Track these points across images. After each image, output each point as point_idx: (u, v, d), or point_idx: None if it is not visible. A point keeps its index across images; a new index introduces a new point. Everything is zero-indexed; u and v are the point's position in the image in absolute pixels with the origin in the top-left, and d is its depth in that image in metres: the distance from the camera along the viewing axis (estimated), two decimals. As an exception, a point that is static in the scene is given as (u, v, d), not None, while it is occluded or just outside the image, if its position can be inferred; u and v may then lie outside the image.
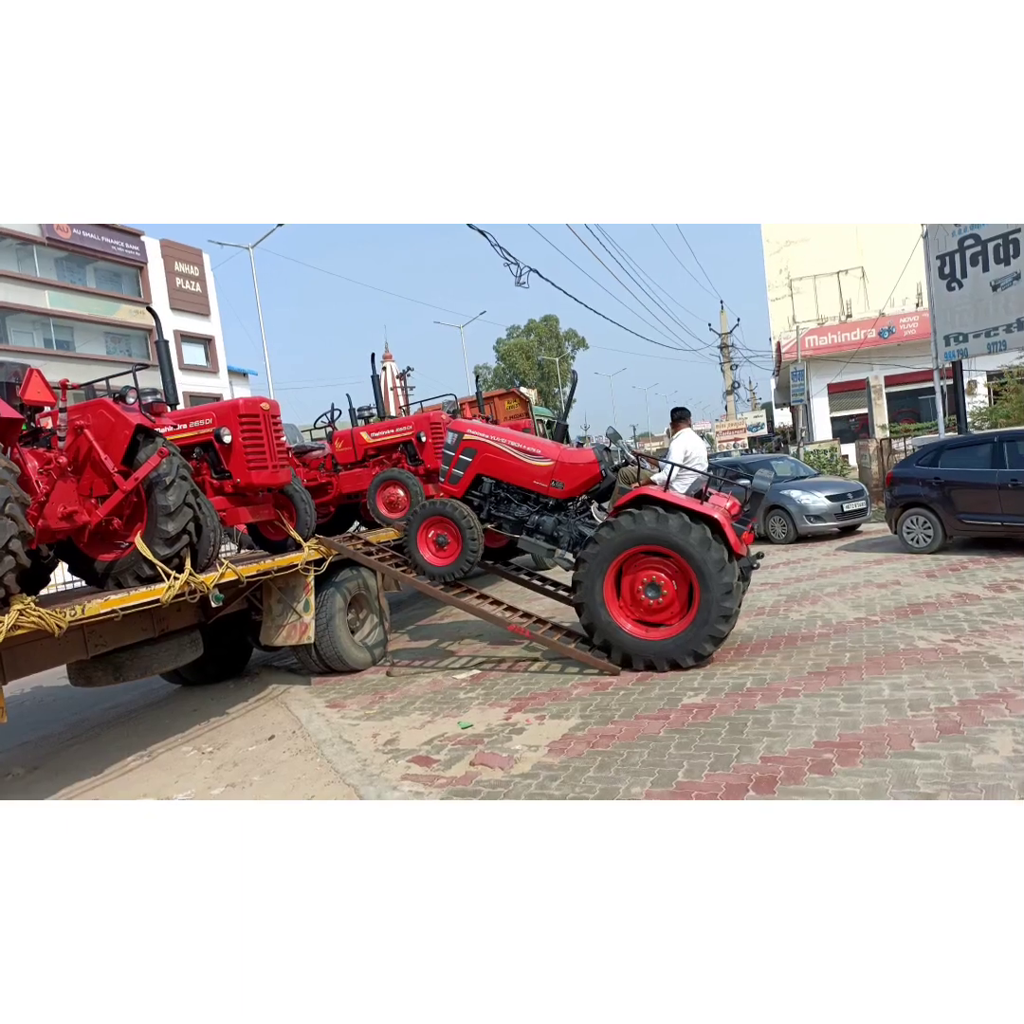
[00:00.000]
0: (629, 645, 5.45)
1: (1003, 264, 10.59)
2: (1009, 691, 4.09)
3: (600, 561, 5.48)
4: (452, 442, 6.44)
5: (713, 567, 5.18)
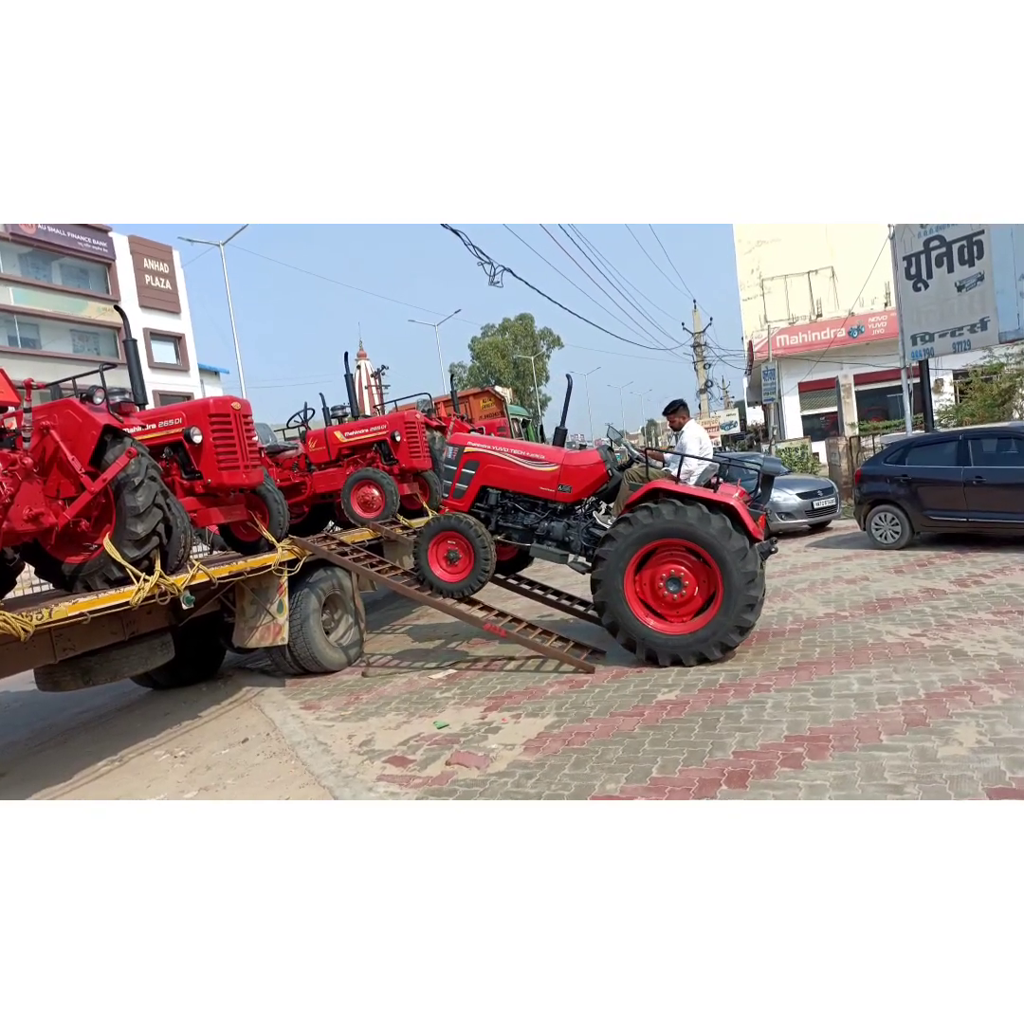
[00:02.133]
0: (654, 641, 5.35)
1: (967, 265, 10.81)
2: (973, 684, 4.19)
3: (619, 558, 5.38)
4: (453, 456, 6.32)
5: (735, 556, 5.12)
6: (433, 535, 6.05)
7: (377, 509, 7.82)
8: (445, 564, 6.08)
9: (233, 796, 4.23)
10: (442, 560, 6.09)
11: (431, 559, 6.09)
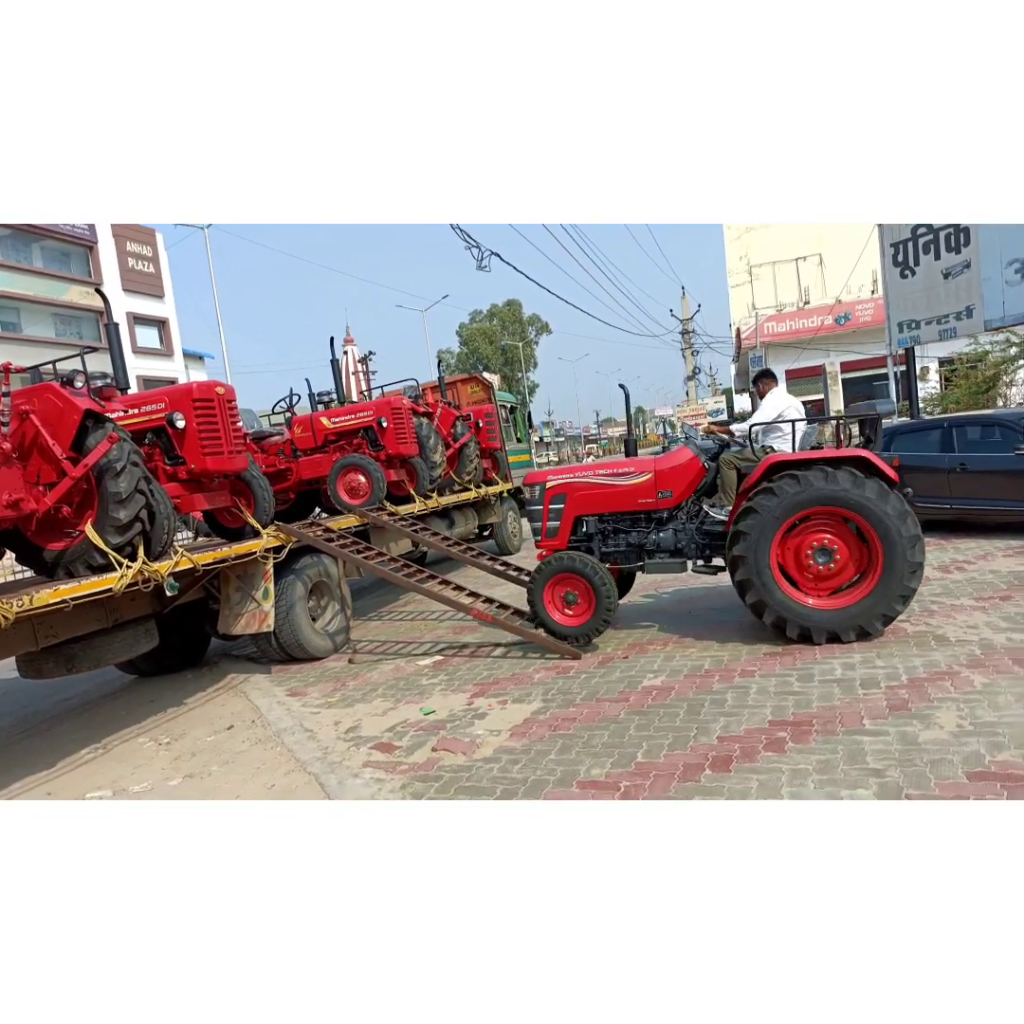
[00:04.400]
0: (808, 617, 5.02)
1: (954, 253, 10.85)
2: (955, 668, 4.23)
3: (765, 532, 5.03)
4: (535, 496, 6.04)
5: (897, 520, 4.81)
6: (549, 578, 5.65)
7: (364, 496, 7.78)
8: (561, 605, 5.69)
9: (218, 783, 4.22)
10: (559, 602, 5.70)
11: (547, 602, 5.68)
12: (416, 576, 6.58)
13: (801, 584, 5.12)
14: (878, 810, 2.79)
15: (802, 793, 3.11)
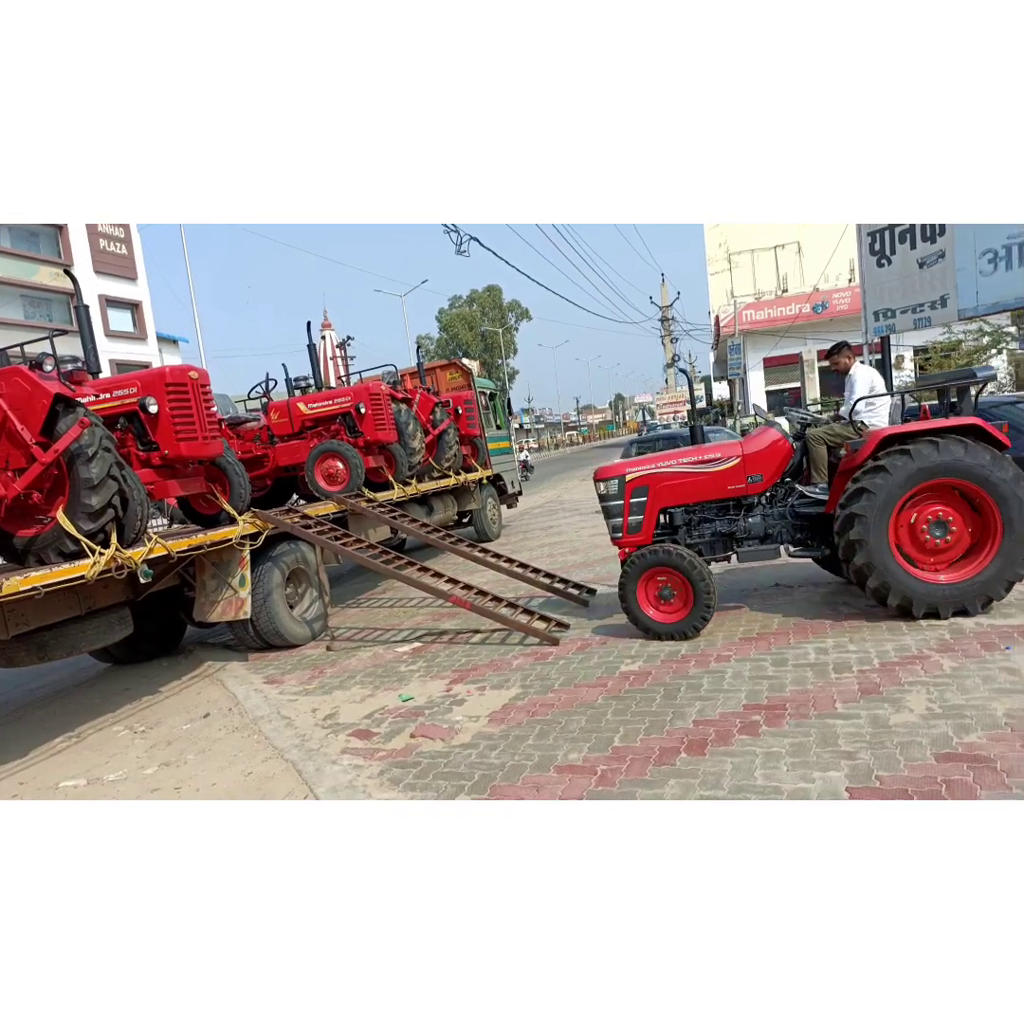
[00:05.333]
0: (934, 594, 4.85)
1: (929, 242, 10.93)
2: (925, 652, 4.31)
3: (882, 512, 4.84)
4: (613, 490, 5.64)
5: (1014, 484, 4.66)
6: (642, 572, 5.34)
7: (342, 482, 7.74)
8: (656, 601, 5.39)
9: (194, 771, 4.19)
10: (653, 598, 5.39)
11: (640, 598, 5.37)
12: (394, 563, 6.56)
13: (918, 561, 4.97)
14: (852, 809, 2.84)
15: (775, 775, 3.16)
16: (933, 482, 4.84)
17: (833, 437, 5.47)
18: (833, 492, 5.27)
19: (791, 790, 3.03)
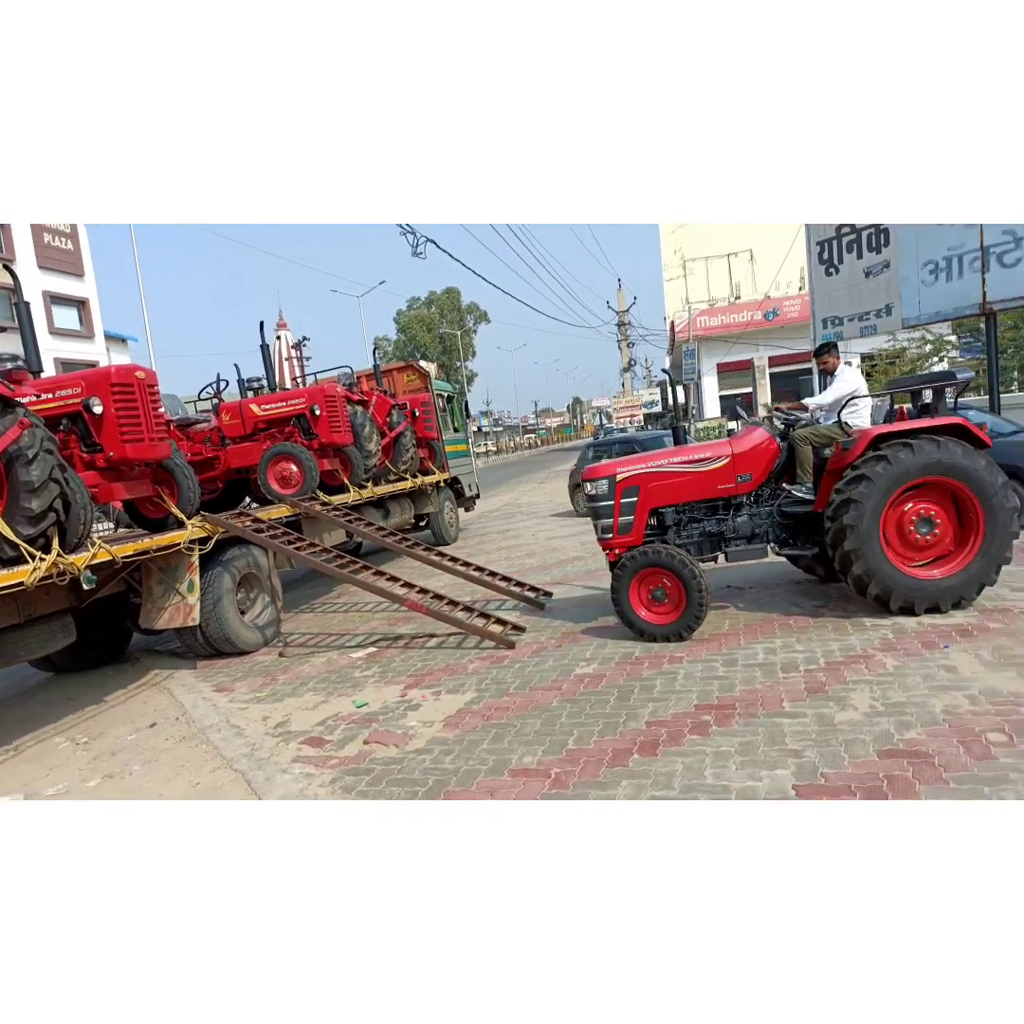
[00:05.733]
0: (915, 589, 4.97)
1: (875, 252, 11.28)
2: (869, 652, 4.44)
3: (877, 499, 4.92)
4: (603, 490, 5.57)
5: (1001, 491, 4.85)
6: (635, 573, 5.29)
7: (295, 485, 7.62)
8: (648, 602, 5.33)
9: (140, 783, 4.07)
10: (645, 599, 5.33)
11: (633, 599, 5.32)
12: (349, 567, 6.49)
13: (906, 559, 5.07)
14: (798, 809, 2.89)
15: (725, 774, 3.21)
16: (929, 479, 4.94)
17: (818, 438, 5.56)
18: (822, 491, 5.35)
19: (740, 789, 3.08)
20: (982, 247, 9.65)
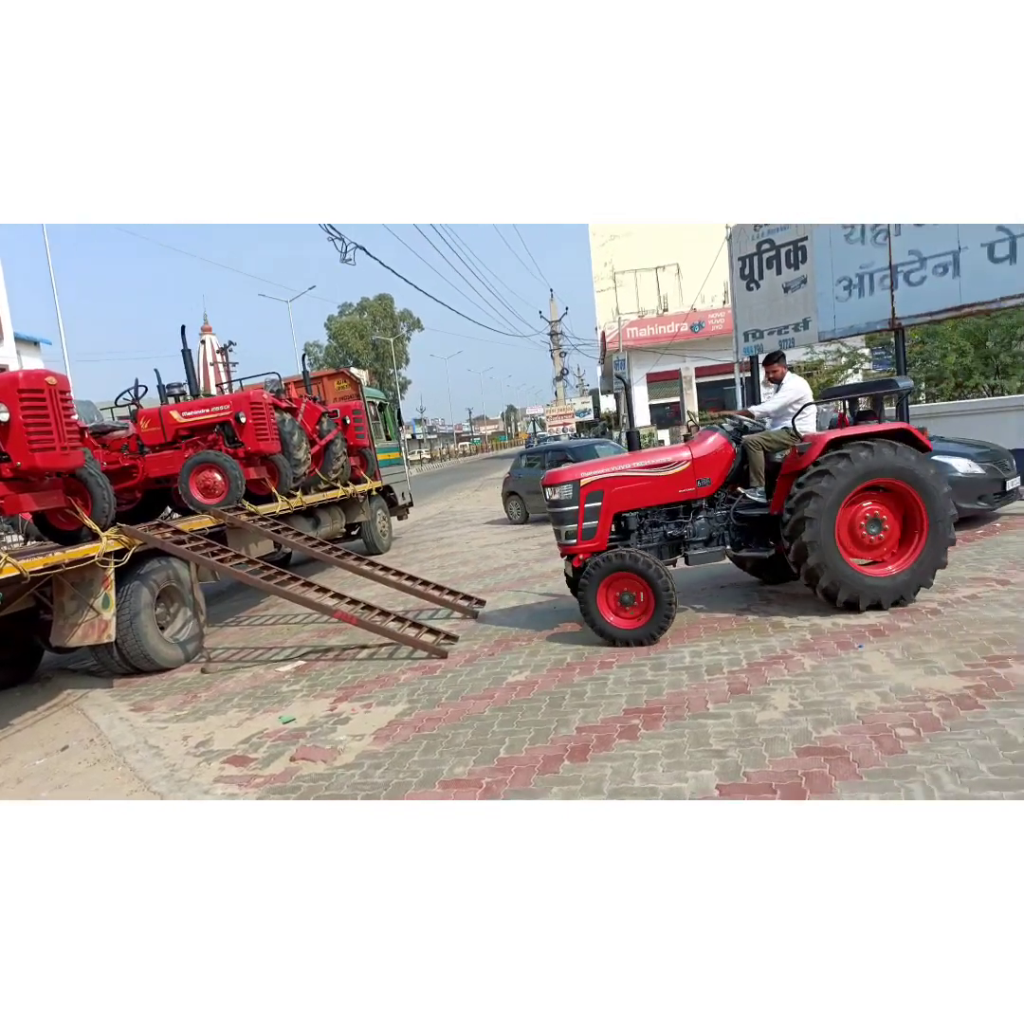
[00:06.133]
0: (862, 586, 5.16)
1: (793, 268, 11.77)
2: (788, 652, 4.60)
3: (829, 512, 5.07)
4: (567, 495, 5.51)
5: (943, 498, 5.11)
6: (602, 578, 5.23)
7: (220, 495, 7.39)
8: (616, 607, 5.27)
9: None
10: (613, 604, 5.27)
11: (601, 603, 5.25)
12: (276, 578, 6.33)
13: (856, 557, 5.26)
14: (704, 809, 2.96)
15: (652, 777, 3.27)
16: (877, 481, 5.16)
17: (770, 443, 5.72)
18: (777, 494, 5.51)
19: (666, 790, 3.14)
20: (891, 266, 10.19)
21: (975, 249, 9.35)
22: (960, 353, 13.25)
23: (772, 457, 5.67)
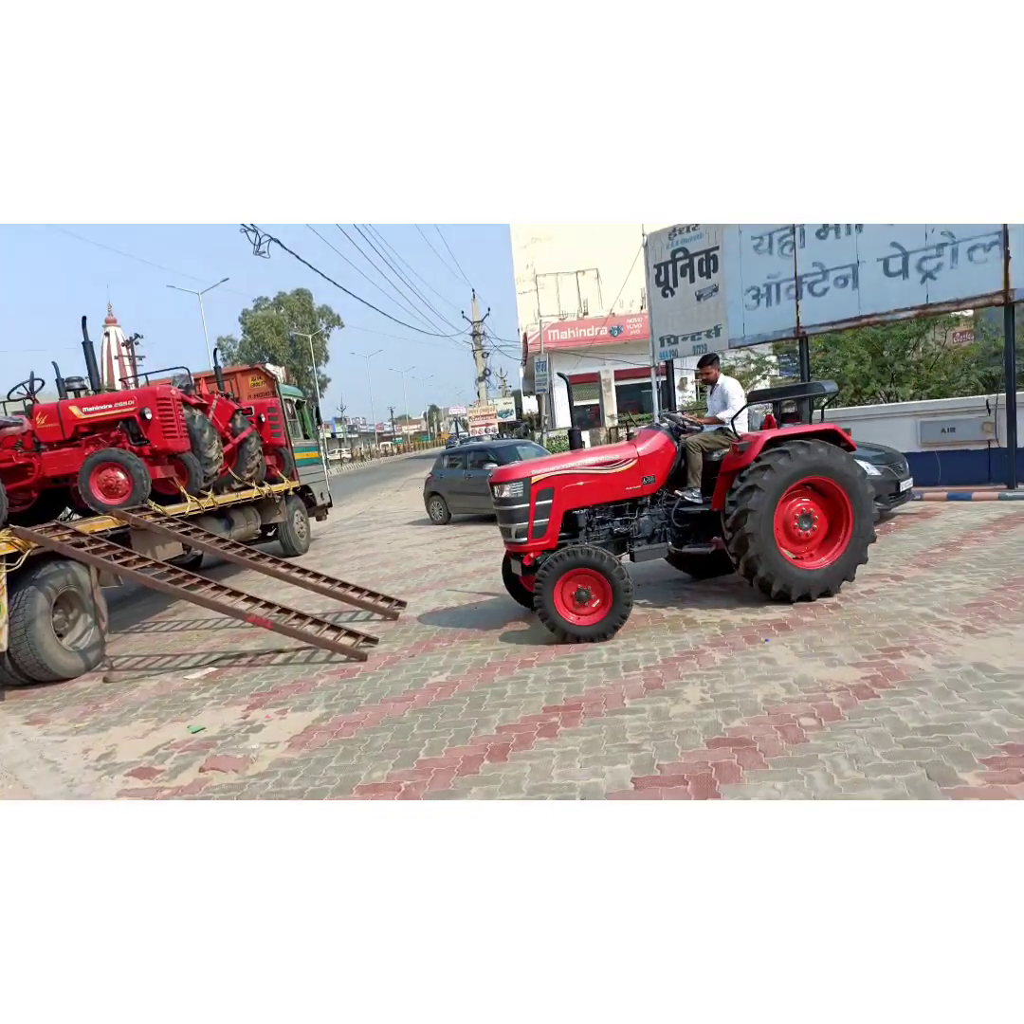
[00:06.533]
0: (798, 579, 5.41)
1: (705, 277, 12.19)
2: (700, 648, 4.76)
3: (769, 505, 5.29)
4: (518, 493, 5.48)
5: (868, 497, 5.44)
6: (559, 575, 5.19)
7: (123, 494, 7.04)
8: (572, 604, 5.26)
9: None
10: (569, 600, 5.25)
11: (557, 600, 5.22)
12: (185, 582, 6.07)
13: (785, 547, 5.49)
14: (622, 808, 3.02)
15: (570, 773, 3.31)
16: (812, 478, 5.43)
17: (708, 443, 5.89)
18: (717, 491, 5.70)
19: (584, 786, 3.19)
20: (796, 277, 10.71)
21: (872, 263, 9.94)
22: (859, 361, 14.05)
23: (709, 457, 5.89)
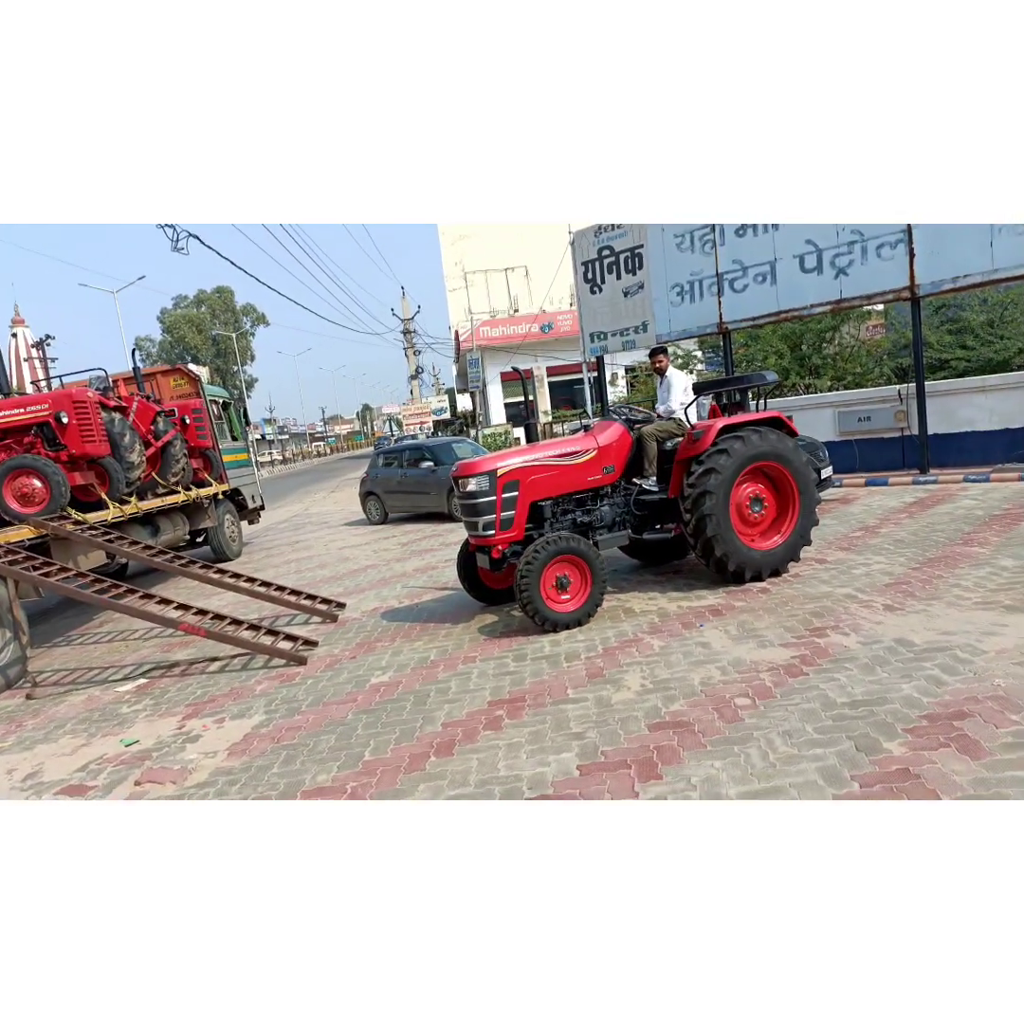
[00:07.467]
0: (751, 560, 5.65)
1: (631, 274, 12.43)
2: (639, 636, 4.88)
3: (725, 487, 5.48)
4: (484, 487, 5.47)
5: (811, 480, 5.75)
6: (545, 564, 5.19)
7: (40, 503, 6.71)
8: (554, 592, 5.27)
9: None
10: (549, 588, 5.25)
11: (543, 592, 5.22)
12: (111, 591, 5.83)
13: (741, 533, 5.70)
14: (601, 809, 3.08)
15: (516, 764, 3.35)
16: (763, 463, 5.68)
17: (662, 432, 6.03)
18: (674, 478, 5.84)
19: (530, 776, 3.23)
20: (717, 274, 11.04)
21: (788, 260, 10.34)
22: (779, 355, 14.58)
23: (663, 446, 6.05)
